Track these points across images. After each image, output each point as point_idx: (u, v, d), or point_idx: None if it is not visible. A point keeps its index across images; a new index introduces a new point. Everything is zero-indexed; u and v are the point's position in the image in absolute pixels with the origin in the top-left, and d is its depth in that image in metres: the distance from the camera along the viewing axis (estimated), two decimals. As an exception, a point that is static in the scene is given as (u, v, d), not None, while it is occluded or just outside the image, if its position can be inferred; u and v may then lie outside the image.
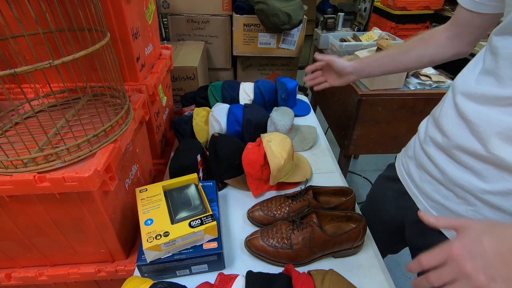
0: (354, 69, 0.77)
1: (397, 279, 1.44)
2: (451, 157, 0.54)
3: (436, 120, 0.59)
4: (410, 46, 0.70)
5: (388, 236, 0.77)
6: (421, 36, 0.69)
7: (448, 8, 2.45)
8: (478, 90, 0.49)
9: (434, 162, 0.58)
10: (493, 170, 0.47)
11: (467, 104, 0.51)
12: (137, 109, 0.74)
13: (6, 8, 0.58)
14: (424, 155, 0.61)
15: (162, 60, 1.02)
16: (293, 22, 1.51)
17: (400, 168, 0.71)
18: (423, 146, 0.61)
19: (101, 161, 0.56)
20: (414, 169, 0.64)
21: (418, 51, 0.69)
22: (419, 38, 0.69)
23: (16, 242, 0.67)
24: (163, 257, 0.60)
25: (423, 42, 0.68)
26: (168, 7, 1.60)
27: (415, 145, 0.65)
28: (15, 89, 0.75)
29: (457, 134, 0.52)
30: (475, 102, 0.49)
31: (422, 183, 0.61)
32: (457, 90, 0.54)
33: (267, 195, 0.85)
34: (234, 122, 0.96)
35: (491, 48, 0.49)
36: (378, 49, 1.29)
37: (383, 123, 1.33)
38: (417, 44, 0.69)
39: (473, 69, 0.53)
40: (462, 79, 0.55)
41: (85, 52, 0.52)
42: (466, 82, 0.53)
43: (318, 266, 0.66)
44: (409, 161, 0.67)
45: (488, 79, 0.48)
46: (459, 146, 0.52)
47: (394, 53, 0.72)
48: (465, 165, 0.51)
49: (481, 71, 0.51)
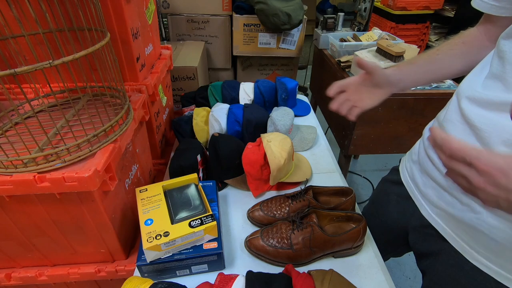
0: (396, 78, 0.65)
1: (397, 279, 1.44)
2: None
3: (441, 124, 0.57)
4: (454, 52, 0.63)
5: (390, 240, 0.76)
6: (460, 39, 0.63)
7: (448, 8, 2.45)
8: (485, 95, 0.47)
9: (438, 168, 0.56)
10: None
11: (472, 109, 0.49)
12: (137, 109, 0.74)
13: (6, 8, 0.58)
14: (429, 160, 0.59)
15: (162, 60, 1.02)
16: (293, 22, 1.51)
17: (404, 172, 0.70)
18: (427, 151, 0.60)
19: (101, 161, 0.56)
20: (418, 174, 0.63)
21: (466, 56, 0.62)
22: (461, 42, 0.63)
23: (16, 242, 0.67)
24: (163, 257, 0.60)
25: (467, 46, 0.62)
26: (168, 7, 1.60)
27: (420, 149, 0.64)
28: (15, 89, 0.75)
29: (462, 139, 0.51)
30: (481, 107, 0.48)
31: (426, 189, 0.60)
32: (463, 94, 0.52)
33: (267, 195, 0.85)
34: (234, 122, 0.96)
35: (498, 52, 0.48)
36: (378, 49, 1.29)
37: (383, 123, 1.33)
38: (462, 48, 0.63)
39: (480, 74, 0.51)
40: (467, 83, 0.53)
41: (85, 52, 0.52)
42: (472, 87, 0.51)
43: (318, 266, 0.66)
44: (413, 165, 0.65)
45: (495, 84, 0.47)
46: None
47: (439, 58, 0.64)
48: None
49: (488, 75, 0.49)
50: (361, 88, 0.68)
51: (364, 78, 0.67)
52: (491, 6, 0.55)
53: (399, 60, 1.22)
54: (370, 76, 0.66)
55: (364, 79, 0.67)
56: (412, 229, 0.67)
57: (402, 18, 2.37)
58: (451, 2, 2.45)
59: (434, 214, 0.59)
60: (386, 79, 0.65)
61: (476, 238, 0.51)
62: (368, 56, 1.30)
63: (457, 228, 0.54)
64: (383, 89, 0.66)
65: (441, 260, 0.40)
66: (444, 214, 0.56)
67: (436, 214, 0.58)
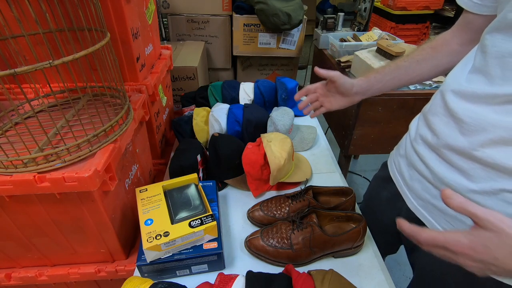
0: (361, 88, 0.69)
1: (397, 279, 1.44)
2: (440, 155, 0.54)
3: (426, 117, 0.58)
4: (421, 57, 0.66)
5: (386, 237, 0.77)
6: (430, 44, 0.66)
7: (448, 8, 2.45)
8: (469, 89, 0.49)
9: (423, 161, 0.58)
10: (480, 169, 0.47)
11: (457, 102, 0.50)
12: (137, 109, 0.74)
13: (6, 8, 0.58)
14: (415, 153, 0.60)
15: (162, 60, 1.02)
16: (293, 22, 1.51)
17: (392, 167, 0.71)
18: (414, 145, 0.61)
19: (101, 161, 0.56)
20: (405, 168, 0.64)
21: (432, 61, 0.65)
22: (429, 47, 0.66)
23: (16, 242, 0.67)
24: (163, 257, 0.60)
25: (435, 51, 0.65)
26: (168, 7, 1.60)
27: (406, 143, 0.65)
28: (15, 89, 0.75)
29: (446, 132, 0.52)
30: (466, 101, 0.49)
31: (412, 182, 0.61)
32: (448, 88, 0.53)
33: (267, 195, 0.85)
34: (234, 122, 0.96)
35: (481, 47, 0.49)
36: (378, 49, 1.29)
37: (383, 123, 1.33)
38: (429, 53, 0.66)
39: (464, 68, 0.53)
40: (452, 77, 0.55)
41: (85, 52, 0.52)
42: (456, 81, 0.52)
43: (318, 266, 0.66)
44: (401, 159, 0.66)
45: (478, 78, 0.48)
46: (448, 145, 0.52)
47: (405, 65, 0.67)
48: (453, 164, 0.51)
49: (471, 69, 0.50)
50: (328, 93, 0.74)
51: (329, 86, 0.72)
52: (474, 4, 0.57)
53: (399, 60, 1.22)
54: (334, 85, 0.70)
55: (330, 87, 0.72)
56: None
57: (402, 18, 2.36)
58: (451, 2, 2.45)
59: (420, 206, 0.60)
60: (350, 89, 0.69)
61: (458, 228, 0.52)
62: (368, 56, 1.30)
63: (441, 220, 0.55)
64: (349, 97, 0.72)
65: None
66: (429, 206, 0.57)
67: (421, 206, 0.59)
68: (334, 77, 0.68)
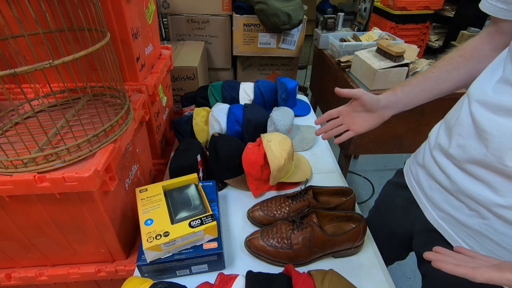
0: (389, 101, 0.65)
1: (397, 279, 1.44)
2: (462, 167, 0.52)
3: (448, 127, 0.56)
4: (451, 66, 0.62)
5: (396, 244, 0.75)
6: (458, 53, 0.62)
7: (448, 8, 2.45)
8: (496, 100, 0.46)
9: (444, 172, 0.56)
10: (508, 183, 0.45)
11: (482, 113, 0.48)
12: (137, 109, 0.74)
13: (6, 8, 0.58)
14: (434, 164, 0.58)
15: (162, 60, 1.02)
16: (293, 22, 1.51)
17: (408, 175, 0.68)
18: (433, 154, 0.59)
19: (101, 161, 0.56)
20: (424, 177, 0.62)
21: (465, 69, 0.61)
22: (458, 55, 0.62)
23: (16, 242, 0.67)
24: (163, 257, 0.60)
25: (466, 59, 0.61)
26: (168, 7, 1.60)
27: (425, 152, 0.63)
28: (15, 89, 0.75)
29: (471, 144, 0.50)
30: (491, 112, 0.47)
31: (432, 192, 0.59)
32: (473, 97, 0.51)
33: (267, 195, 0.85)
34: (234, 122, 0.96)
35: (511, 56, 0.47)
36: (378, 49, 1.29)
37: (383, 123, 1.33)
38: (460, 61, 0.62)
39: (490, 77, 0.50)
40: (478, 87, 0.52)
41: (85, 52, 0.52)
42: (482, 90, 0.50)
43: (318, 266, 0.66)
44: (419, 168, 0.64)
45: (507, 89, 0.46)
46: (472, 157, 0.49)
47: (434, 75, 0.63)
48: (477, 176, 0.49)
49: (500, 79, 0.48)
50: (353, 114, 0.69)
51: (354, 105, 0.68)
52: (499, 9, 0.54)
53: (399, 60, 1.22)
54: (359, 102, 0.66)
55: (355, 106, 0.68)
56: (417, 233, 0.67)
57: (402, 18, 2.37)
58: (451, 2, 2.46)
59: (439, 218, 0.58)
60: (377, 104, 0.65)
61: (483, 244, 0.51)
62: (368, 56, 1.30)
63: (463, 233, 0.53)
64: (377, 113, 0.67)
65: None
66: (450, 218, 0.56)
67: (441, 218, 0.58)
68: (357, 94, 0.65)
